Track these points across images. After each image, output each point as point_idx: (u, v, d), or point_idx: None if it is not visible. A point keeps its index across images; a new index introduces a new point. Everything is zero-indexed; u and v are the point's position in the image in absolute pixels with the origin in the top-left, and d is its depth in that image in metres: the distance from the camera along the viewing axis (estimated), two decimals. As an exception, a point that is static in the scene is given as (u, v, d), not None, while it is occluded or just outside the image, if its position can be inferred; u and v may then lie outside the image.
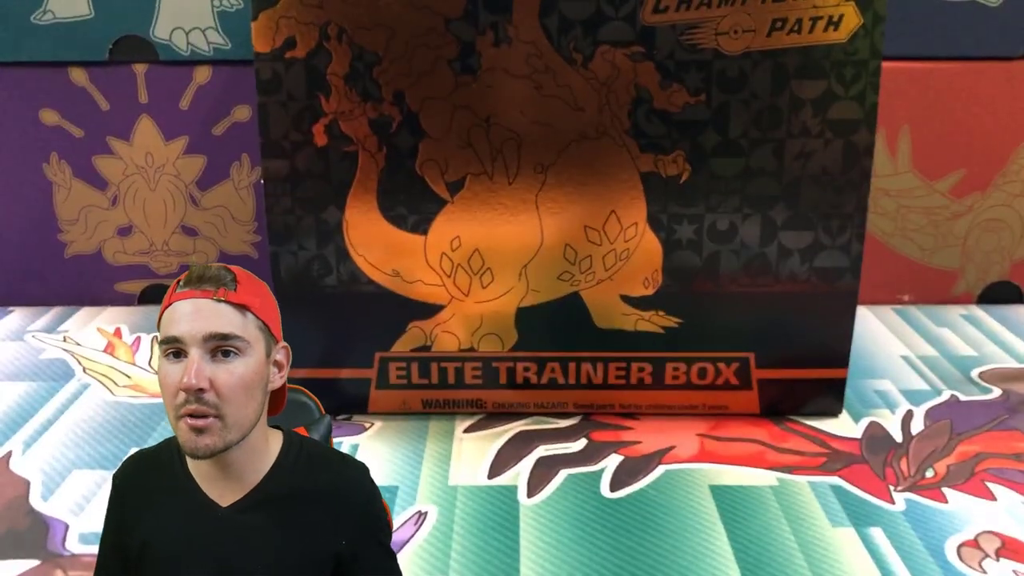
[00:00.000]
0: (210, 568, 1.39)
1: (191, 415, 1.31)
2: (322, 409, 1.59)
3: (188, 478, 1.42)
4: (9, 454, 3.05)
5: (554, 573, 2.48)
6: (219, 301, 1.34)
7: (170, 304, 1.36)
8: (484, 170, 2.98)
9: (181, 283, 1.37)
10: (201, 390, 1.30)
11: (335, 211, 3.02)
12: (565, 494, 2.83)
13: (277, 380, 1.43)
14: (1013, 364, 3.73)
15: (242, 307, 1.36)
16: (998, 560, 2.52)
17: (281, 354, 1.44)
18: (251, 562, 1.40)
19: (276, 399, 1.47)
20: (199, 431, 1.31)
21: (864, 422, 3.25)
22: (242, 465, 1.40)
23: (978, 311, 4.28)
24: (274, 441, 1.46)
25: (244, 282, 1.38)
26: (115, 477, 1.50)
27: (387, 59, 2.88)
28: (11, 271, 4.29)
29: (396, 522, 2.67)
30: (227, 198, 4.21)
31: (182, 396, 1.30)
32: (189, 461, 1.43)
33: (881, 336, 3.99)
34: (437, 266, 3.07)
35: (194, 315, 1.32)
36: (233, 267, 1.41)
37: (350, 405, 3.27)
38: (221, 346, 1.33)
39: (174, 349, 1.33)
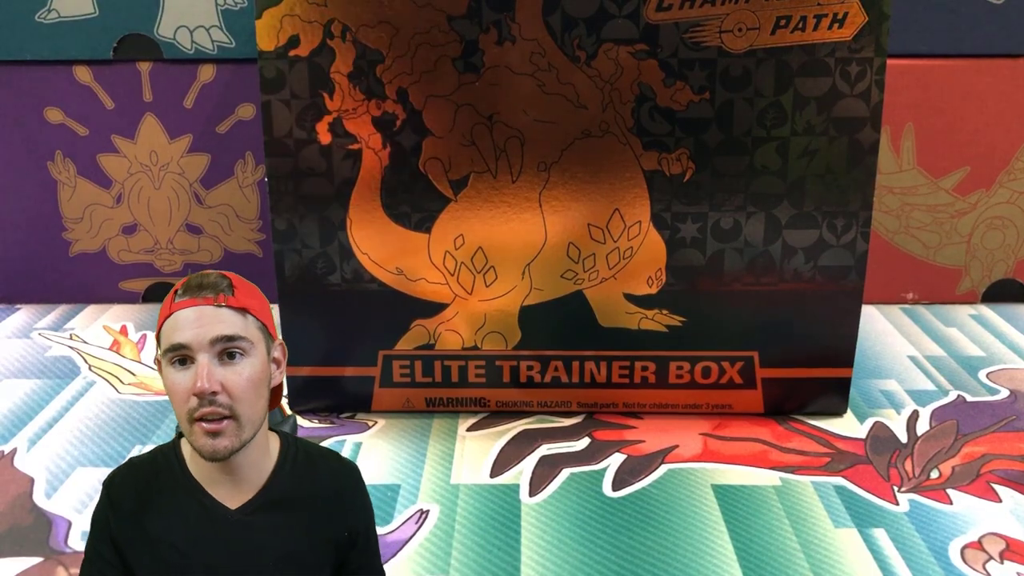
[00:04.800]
0: (223, 569, 1.42)
1: (205, 419, 1.33)
2: (285, 411, 1.64)
3: (192, 482, 1.44)
4: (14, 451, 3.06)
5: (556, 572, 2.47)
6: (220, 306, 1.37)
7: (171, 314, 1.37)
8: (487, 168, 2.97)
9: (179, 292, 1.40)
10: (214, 393, 1.33)
11: (339, 209, 3.02)
12: (567, 493, 2.82)
13: (277, 376, 1.47)
14: (1021, 365, 3.71)
15: (242, 310, 1.39)
16: (1002, 562, 2.51)
17: (278, 351, 1.48)
18: (263, 561, 1.43)
19: (272, 395, 1.49)
20: (215, 434, 1.34)
21: (869, 422, 3.24)
22: (249, 466, 1.44)
23: (986, 311, 4.26)
24: (272, 440, 1.50)
25: (239, 286, 1.43)
26: (107, 484, 1.49)
27: (391, 57, 2.87)
28: (16, 269, 4.30)
29: (397, 520, 2.67)
30: (231, 196, 4.22)
31: (194, 401, 1.33)
32: (192, 465, 1.45)
33: (887, 335, 3.97)
34: (440, 264, 3.07)
35: (198, 321, 1.35)
36: (226, 272, 1.44)
37: (353, 403, 3.27)
38: (227, 348, 1.36)
39: (180, 356, 1.35)
